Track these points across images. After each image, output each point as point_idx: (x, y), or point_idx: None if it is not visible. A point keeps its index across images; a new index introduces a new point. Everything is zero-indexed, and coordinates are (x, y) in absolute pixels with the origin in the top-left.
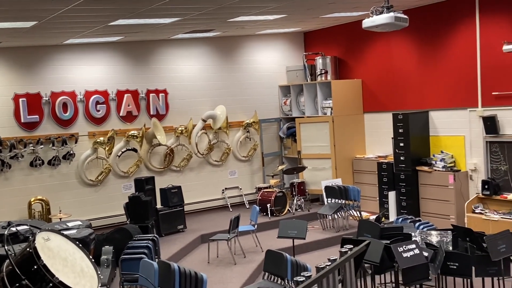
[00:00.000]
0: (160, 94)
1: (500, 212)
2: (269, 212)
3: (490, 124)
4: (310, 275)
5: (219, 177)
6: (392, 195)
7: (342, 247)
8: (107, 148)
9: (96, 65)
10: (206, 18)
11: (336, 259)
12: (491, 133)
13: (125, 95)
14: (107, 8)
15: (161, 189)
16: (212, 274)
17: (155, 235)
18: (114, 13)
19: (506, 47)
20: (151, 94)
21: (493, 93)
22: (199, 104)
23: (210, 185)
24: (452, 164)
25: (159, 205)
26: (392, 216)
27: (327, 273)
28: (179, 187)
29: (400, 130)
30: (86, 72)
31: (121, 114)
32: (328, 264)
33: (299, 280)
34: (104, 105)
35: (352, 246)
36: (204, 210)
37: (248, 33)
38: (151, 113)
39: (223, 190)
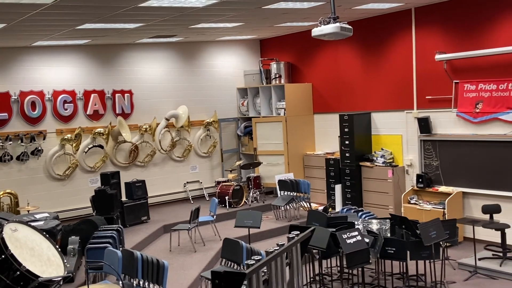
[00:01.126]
0: (126, 94)
1: (432, 202)
2: (227, 204)
3: (424, 125)
4: (260, 259)
5: (181, 172)
6: (338, 188)
7: (289, 233)
8: (74, 145)
9: (64, 66)
10: (169, 24)
11: (284, 244)
12: (425, 133)
13: (92, 95)
14: (74, 13)
15: (126, 183)
16: (174, 261)
17: (120, 226)
18: (81, 17)
19: (438, 56)
20: (116, 94)
21: (426, 97)
22: (163, 104)
23: (172, 179)
24: (391, 160)
25: (124, 198)
26: (338, 207)
27: (275, 256)
28: (143, 181)
29: (346, 130)
30: (54, 73)
31: (88, 113)
32: (276, 248)
33: (249, 263)
34: (72, 104)
35: (298, 232)
36: (166, 202)
37: (208, 39)
38: (117, 112)
39: (184, 183)
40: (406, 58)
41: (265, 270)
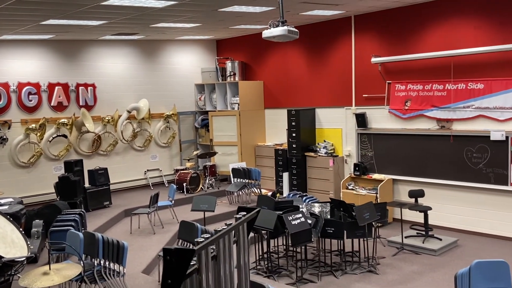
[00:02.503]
0: (89, 88)
1: (366, 188)
2: (185, 190)
3: (361, 120)
4: (209, 237)
5: (142, 161)
6: (285, 176)
7: (237, 214)
8: (38, 134)
9: (29, 59)
10: (131, 23)
11: (232, 223)
12: (361, 127)
13: (56, 87)
14: (38, 9)
15: (89, 170)
16: (134, 242)
17: (82, 210)
18: (45, 13)
19: (373, 59)
20: (80, 87)
21: (363, 95)
22: (125, 98)
23: (134, 167)
24: (332, 151)
25: (87, 184)
26: (285, 192)
27: (223, 234)
28: (105, 169)
29: (293, 123)
30: (19, 66)
31: (52, 104)
32: (224, 228)
33: (199, 241)
34: (36, 96)
35: (245, 213)
36: (128, 188)
37: (168, 38)
38: (81, 104)
39: (145, 171)
40: (346, 60)
41: (214, 247)
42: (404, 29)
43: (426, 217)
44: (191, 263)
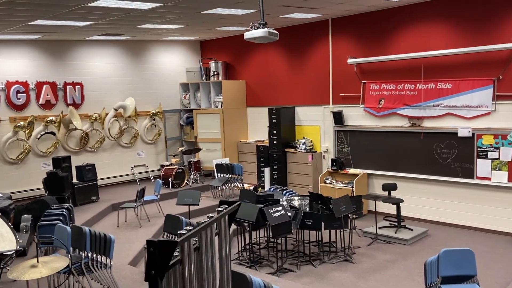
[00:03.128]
0: (76, 86)
1: (343, 182)
2: (170, 185)
3: (338, 118)
4: (192, 229)
5: (128, 157)
6: (267, 171)
7: (219, 207)
8: (27, 131)
9: (18, 59)
10: (117, 24)
11: (213, 216)
12: (338, 124)
13: (44, 86)
14: (25, 9)
15: (77, 166)
16: (121, 236)
17: (70, 205)
18: (32, 14)
19: (349, 60)
20: (68, 86)
21: (340, 95)
22: (112, 96)
23: (121, 163)
24: (311, 147)
25: (75, 180)
26: (267, 186)
27: (205, 227)
28: (93, 165)
29: (274, 121)
30: (8, 65)
31: (40, 102)
32: (206, 220)
33: (181, 233)
34: (25, 94)
35: (226, 206)
36: (115, 184)
37: (154, 39)
38: (68, 102)
39: (132, 167)
40: (324, 61)
41: (196, 239)
42: (378, 32)
43: (398, 209)
44: (174, 255)
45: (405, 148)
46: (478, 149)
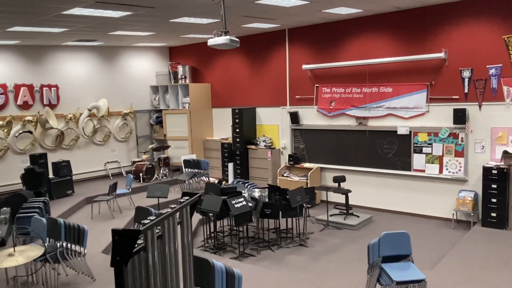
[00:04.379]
0: (52, 88)
1: (299, 175)
2: (141, 179)
3: (294, 117)
4: (154, 219)
5: (102, 154)
6: (230, 166)
7: (181, 198)
8: (5, 130)
9: None
10: (90, 31)
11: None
12: (295, 123)
13: (22, 88)
14: (4, 17)
15: (53, 163)
16: (95, 226)
17: (46, 198)
18: (10, 21)
19: (304, 66)
20: (44, 88)
21: (296, 97)
22: (86, 97)
23: (94, 159)
24: (270, 144)
25: (51, 175)
26: (231, 180)
27: (167, 216)
28: (68, 161)
29: (237, 120)
30: None
31: (18, 103)
32: (169, 210)
33: (145, 222)
34: (3, 96)
35: (188, 197)
36: (89, 178)
37: (125, 45)
38: (45, 103)
39: (105, 163)
40: (282, 66)
41: (160, 228)
42: (329, 41)
43: (347, 198)
44: (139, 242)
45: (353, 144)
46: (414, 145)
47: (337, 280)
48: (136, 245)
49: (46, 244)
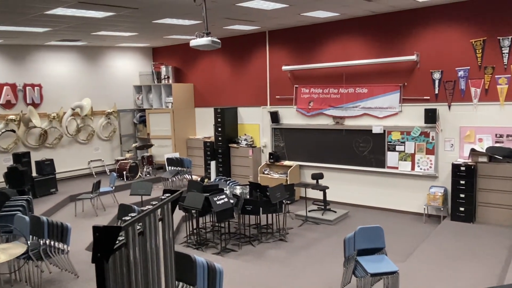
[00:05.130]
0: (36, 87)
1: (279, 172)
2: (125, 177)
3: (274, 117)
4: (135, 215)
5: (86, 152)
6: (213, 164)
7: (162, 195)
8: None
9: None
10: (73, 31)
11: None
12: (275, 123)
13: (5, 87)
14: None
15: (36, 161)
16: (78, 224)
17: (30, 196)
18: None
19: (284, 67)
20: (27, 87)
21: (276, 97)
22: (69, 96)
23: (78, 158)
24: (251, 142)
25: (34, 174)
26: (213, 177)
27: (149, 213)
28: (51, 160)
29: (219, 120)
30: None
31: (1, 102)
32: (150, 207)
33: (125, 219)
34: None
35: (169, 194)
36: (73, 177)
37: (109, 45)
38: (28, 102)
39: (89, 161)
40: (262, 67)
41: (141, 224)
42: (308, 43)
43: (324, 195)
44: (120, 239)
45: (330, 143)
46: (388, 143)
47: (315, 273)
48: (117, 242)
49: (29, 242)
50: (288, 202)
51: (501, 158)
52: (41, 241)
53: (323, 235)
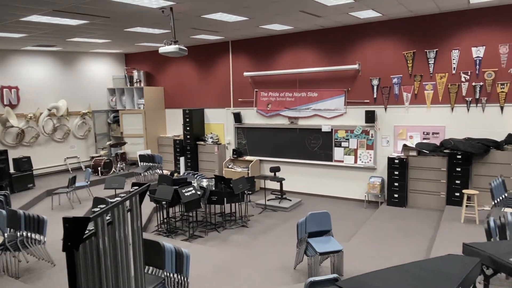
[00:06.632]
0: (13, 89)
1: (241, 166)
2: (99, 173)
3: (237, 117)
4: (104, 207)
5: (62, 150)
6: (182, 159)
7: (131, 188)
8: None
9: None
10: (49, 37)
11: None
12: (238, 122)
13: None
14: None
15: (13, 159)
16: (55, 217)
17: (7, 191)
18: None
19: (245, 73)
20: (4, 89)
21: (239, 99)
22: (46, 98)
23: (55, 155)
24: (217, 140)
25: (12, 170)
26: (182, 172)
27: (117, 204)
28: (28, 157)
29: (187, 120)
30: None
31: None
32: (118, 199)
33: (95, 210)
34: None
35: (137, 187)
36: (50, 173)
37: (84, 50)
38: (5, 103)
39: (65, 158)
40: (226, 73)
41: (110, 215)
42: (266, 52)
43: (281, 185)
44: (90, 228)
45: (286, 140)
46: (335, 140)
47: (272, 254)
48: (87, 232)
49: (6, 234)
50: (249, 192)
51: (427, 152)
52: (18, 233)
53: (280, 221)
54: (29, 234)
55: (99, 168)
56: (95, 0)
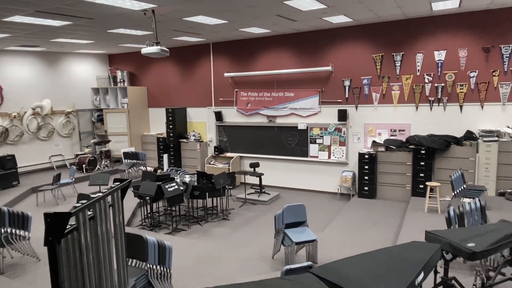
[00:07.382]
0: None
1: (222, 163)
2: (84, 170)
3: (218, 116)
4: (85, 202)
5: (47, 148)
6: (165, 156)
7: (113, 183)
8: None
9: None
10: (32, 37)
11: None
12: (219, 121)
13: None
14: None
15: None
16: (39, 214)
17: None
18: None
19: (226, 74)
20: None
21: (220, 99)
22: (30, 97)
23: (39, 153)
24: (199, 138)
25: None
26: (165, 168)
27: (98, 200)
28: (13, 155)
29: (170, 118)
30: None
31: None
32: (100, 194)
33: (76, 205)
34: None
35: (119, 183)
36: (35, 170)
37: (68, 51)
38: None
39: (49, 156)
40: (207, 73)
41: (92, 210)
42: (246, 54)
43: (260, 180)
44: (72, 223)
45: (265, 137)
46: (310, 137)
47: (252, 245)
48: (68, 226)
49: None
50: (230, 187)
51: (394, 148)
52: (3, 230)
53: (259, 214)
54: (13, 230)
55: (84, 166)
56: (78, 2)
